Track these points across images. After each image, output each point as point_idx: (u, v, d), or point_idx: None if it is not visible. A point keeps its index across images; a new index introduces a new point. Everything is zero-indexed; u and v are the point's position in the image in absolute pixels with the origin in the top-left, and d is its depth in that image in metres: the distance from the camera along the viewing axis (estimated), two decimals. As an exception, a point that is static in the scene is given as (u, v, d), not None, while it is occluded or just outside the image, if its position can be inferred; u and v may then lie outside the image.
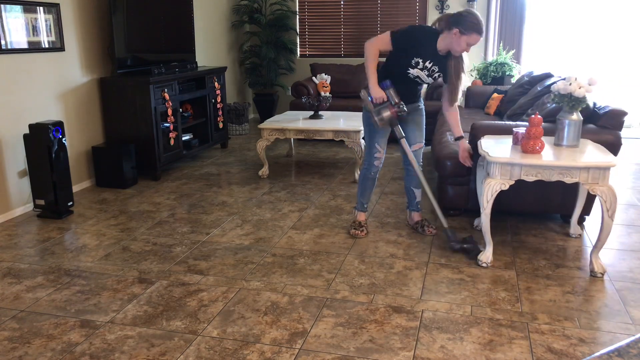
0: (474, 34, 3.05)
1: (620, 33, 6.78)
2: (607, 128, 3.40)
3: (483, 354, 2.24)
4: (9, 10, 3.83)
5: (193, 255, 3.25)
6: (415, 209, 3.63)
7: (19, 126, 3.94)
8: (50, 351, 2.29)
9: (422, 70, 3.22)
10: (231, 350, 2.28)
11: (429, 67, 3.21)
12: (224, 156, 5.79)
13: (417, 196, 3.60)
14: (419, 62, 3.19)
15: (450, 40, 3.10)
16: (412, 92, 3.38)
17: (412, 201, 3.63)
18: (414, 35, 3.20)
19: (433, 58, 3.19)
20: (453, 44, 3.10)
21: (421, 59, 3.18)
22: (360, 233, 3.54)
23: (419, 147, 3.47)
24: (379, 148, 3.42)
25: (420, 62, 3.19)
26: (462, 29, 3.04)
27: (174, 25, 5.53)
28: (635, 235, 3.54)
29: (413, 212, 3.65)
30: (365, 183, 3.55)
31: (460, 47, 3.10)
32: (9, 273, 3.04)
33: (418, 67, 3.20)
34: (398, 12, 7.31)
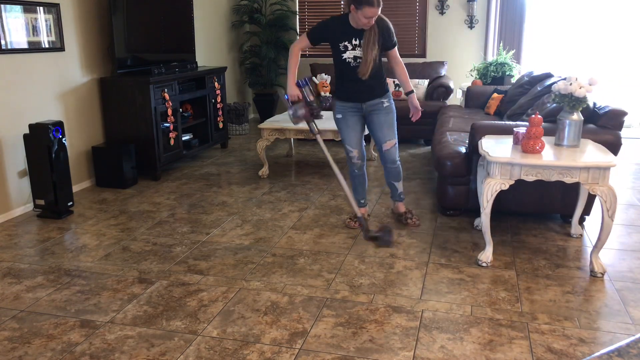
0: (365, 6, 3.11)
1: (620, 33, 6.78)
2: (607, 128, 3.40)
3: (483, 354, 2.24)
4: (9, 10, 3.83)
5: (193, 255, 3.25)
6: (398, 199, 3.73)
7: (19, 126, 3.94)
8: (50, 351, 2.29)
9: (354, 50, 3.29)
10: (231, 350, 2.28)
11: (359, 44, 3.28)
12: (224, 156, 5.79)
13: (398, 188, 3.68)
14: (346, 46, 3.30)
15: (352, 17, 3.22)
16: (368, 85, 3.36)
17: (395, 192, 3.71)
18: (326, 24, 3.38)
19: (356, 35, 3.28)
20: (356, 20, 3.21)
21: (346, 41, 3.29)
22: (352, 223, 3.64)
23: (390, 146, 3.49)
24: (350, 148, 3.55)
25: (347, 44, 3.30)
26: (356, 5, 3.14)
27: (174, 25, 5.53)
28: (635, 235, 3.54)
29: (397, 202, 3.75)
30: (353, 181, 3.68)
31: (361, 21, 3.18)
32: (9, 273, 3.04)
33: (349, 50, 3.30)
34: (398, 12, 7.31)
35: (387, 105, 3.46)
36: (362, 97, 3.43)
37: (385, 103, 3.45)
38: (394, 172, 3.61)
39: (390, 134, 3.48)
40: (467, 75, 7.09)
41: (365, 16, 3.15)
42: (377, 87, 3.42)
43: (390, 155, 3.53)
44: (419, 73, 6.69)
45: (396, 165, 3.58)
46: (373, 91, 3.42)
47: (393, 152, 3.52)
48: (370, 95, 3.42)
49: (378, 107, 3.44)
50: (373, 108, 3.45)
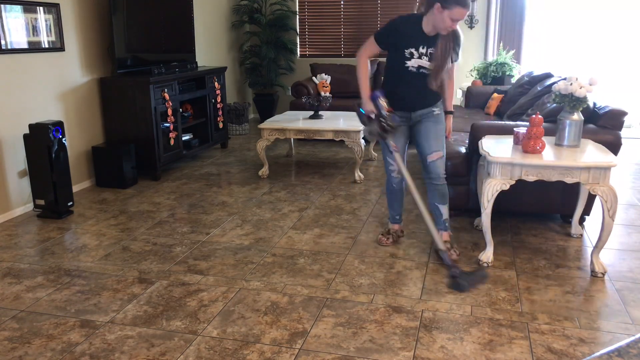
0: (457, 7, 2.77)
1: (620, 33, 6.78)
2: (607, 128, 3.40)
3: (483, 354, 2.24)
4: (9, 10, 3.83)
5: (193, 255, 3.25)
6: (443, 228, 3.23)
7: (19, 126, 3.94)
8: (50, 351, 2.29)
9: (419, 58, 2.98)
10: (231, 350, 2.28)
11: (425, 53, 2.97)
12: (224, 156, 5.79)
13: (443, 213, 3.21)
14: (412, 53, 2.98)
15: (434, 18, 2.85)
16: (422, 93, 3.07)
17: (439, 219, 3.22)
18: (395, 27, 3.00)
19: (425, 42, 2.96)
20: (437, 22, 2.85)
21: (413, 48, 2.96)
22: (385, 239, 3.37)
23: (436, 157, 3.12)
24: (390, 161, 3.24)
25: (413, 51, 2.97)
26: (444, 3, 2.78)
27: (174, 25, 5.53)
28: (635, 235, 3.54)
29: (441, 231, 3.22)
30: (389, 195, 3.41)
31: (445, 24, 2.84)
32: (9, 273, 3.04)
33: (414, 58, 2.98)
34: (398, 12, 7.27)
35: (437, 113, 3.13)
36: (414, 105, 3.09)
37: (436, 111, 3.13)
38: (440, 192, 3.16)
39: (437, 144, 3.11)
40: (467, 75, 7.09)
41: (453, 18, 2.79)
42: (432, 95, 3.10)
43: (435, 168, 3.12)
44: (419, 73, 6.68)
45: (442, 183, 3.15)
46: (426, 99, 3.10)
47: (439, 164, 3.12)
48: (423, 103, 3.10)
49: (428, 116, 3.12)
50: (423, 117, 3.13)
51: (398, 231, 3.47)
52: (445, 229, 3.25)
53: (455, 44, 2.99)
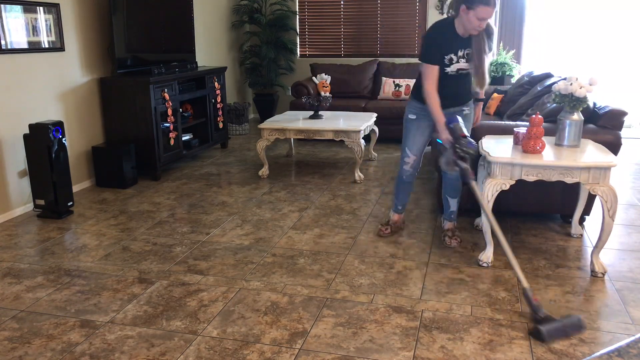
0: (480, 5, 2.80)
1: (621, 33, 6.78)
2: (607, 128, 3.40)
3: (483, 354, 2.24)
4: (9, 10, 3.83)
5: (193, 255, 3.25)
6: (448, 219, 3.44)
7: (19, 126, 3.94)
8: (50, 351, 2.29)
9: (458, 62, 3.04)
10: (231, 350, 2.28)
11: (463, 55, 3.02)
12: (224, 156, 5.79)
13: (451, 206, 3.38)
14: (452, 58, 3.02)
15: (463, 20, 2.91)
16: (458, 93, 3.16)
17: (447, 209, 3.43)
18: (431, 38, 3.06)
19: (462, 45, 3.01)
20: (465, 23, 2.90)
21: (452, 53, 3.01)
22: (383, 230, 3.46)
23: None
24: (409, 153, 3.29)
25: (452, 57, 3.02)
26: (468, 4, 2.84)
27: (174, 25, 5.53)
28: (635, 235, 3.54)
29: (446, 221, 3.45)
30: (398, 185, 3.46)
31: (472, 25, 2.88)
32: (9, 273, 3.04)
33: (454, 63, 3.03)
34: (398, 12, 7.31)
35: (466, 112, 3.22)
36: (444, 104, 3.07)
37: (465, 110, 3.21)
38: (453, 185, 3.31)
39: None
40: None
41: (479, 17, 2.83)
42: (465, 94, 3.20)
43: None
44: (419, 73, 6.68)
45: (455, 177, 3.26)
46: (459, 98, 3.19)
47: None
48: (454, 102, 3.17)
49: (458, 114, 3.12)
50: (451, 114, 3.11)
51: (398, 222, 3.56)
52: (450, 220, 3.44)
53: (487, 38, 3.02)
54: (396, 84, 6.47)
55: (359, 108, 6.24)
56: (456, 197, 3.38)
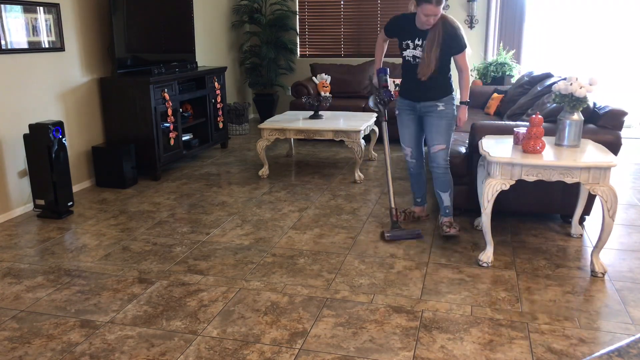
0: (423, 3, 3.09)
1: (621, 33, 6.78)
2: (607, 128, 3.40)
3: (483, 354, 2.24)
4: (9, 10, 3.83)
5: (193, 255, 3.25)
6: (445, 215, 3.49)
7: (19, 126, 3.94)
8: (50, 351, 2.29)
9: (414, 49, 3.31)
10: (231, 350, 2.28)
11: (421, 45, 3.28)
12: (224, 156, 5.79)
13: (444, 200, 3.46)
14: (408, 44, 3.32)
15: (418, 17, 3.20)
16: (424, 85, 3.31)
17: (441, 206, 3.49)
18: (396, 21, 3.43)
19: (419, 35, 3.28)
20: (417, 18, 3.21)
21: (409, 40, 3.31)
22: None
23: (437, 150, 3.38)
24: (403, 146, 3.60)
25: (409, 43, 3.32)
26: (417, 1, 3.13)
27: (174, 25, 5.53)
28: (635, 235, 3.54)
29: (443, 217, 3.50)
30: (410, 179, 3.76)
31: (421, 20, 3.18)
32: (9, 273, 3.04)
33: (410, 48, 3.32)
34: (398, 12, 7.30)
35: (441, 109, 3.35)
36: (416, 96, 3.39)
37: (439, 107, 3.35)
38: (440, 179, 3.42)
39: (439, 138, 3.36)
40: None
41: (424, 14, 3.12)
42: (434, 89, 3.34)
43: (436, 157, 3.39)
44: (419, 73, 6.68)
45: (442, 172, 3.41)
46: (428, 93, 3.35)
47: (439, 155, 3.38)
48: (424, 96, 3.36)
49: (432, 110, 3.36)
50: (427, 110, 3.39)
51: (414, 213, 3.77)
52: (446, 215, 3.48)
53: (446, 36, 3.23)
54: (396, 84, 6.47)
55: (359, 108, 6.24)
56: (447, 191, 3.46)
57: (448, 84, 3.38)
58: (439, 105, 3.36)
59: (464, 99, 3.40)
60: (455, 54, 3.30)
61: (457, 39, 3.26)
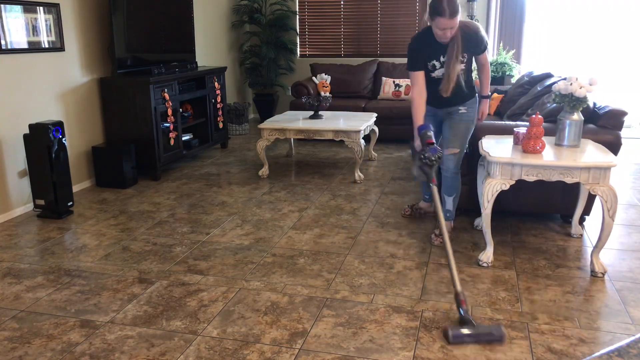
0: (436, 17, 2.97)
1: (621, 33, 6.78)
2: (607, 128, 3.40)
3: (483, 354, 2.24)
4: (9, 10, 3.83)
5: (193, 255, 3.25)
6: (445, 218, 3.37)
7: (19, 126, 3.94)
8: (50, 351, 2.29)
9: (442, 67, 3.19)
10: (231, 350, 2.28)
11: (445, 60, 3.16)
12: (224, 156, 5.79)
13: (446, 204, 3.41)
14: (435, 65, 3.19)
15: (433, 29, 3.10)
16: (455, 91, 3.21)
17: (443, 207, 3.41)
18: (413, 48, 3.22)
19: (442, 50, 3.14)
20: (435, 34, 3.09)
21: (435, 59, 3.18)
22: (406, 210, 3.79)
23: (449, 152, 3.30)
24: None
25: (435, 63, 3.19)
26: (430, 16, 3.03)
27: (174, 25, 5.53)
28: (635, 235, 3.54)
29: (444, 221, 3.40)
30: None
31: (438, 36, 3.06)
32: (9, 273, 3.04)
33: (437, 69, 3.20)
34: (398, 12, 7.31)
35: (462, 112, 3.31)
36: (440, 104, 3.32)
37: (461, 110, 3.31)
38: (447, 183, 3.37)
39: (454, 141, 3.30)
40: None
41: (439, 27, 2.99)
42: (459, 96, 3.27)
43: (446, 161, 3.32)
44: (419, 73, 6.68)
45: (450, 176, 3.34)
46: (451, 100, 3.29)
47: (450, 159, 3.31)
48: (448, 103, 3.31)
49: (453, 113, 3.33)
50: (449, 113, 3.35)
51: (422, 209, 3.83)
52: (446, 219, 3.45)
53: (467, 44, 3.13)
54: (396, 84, 6.47)
55: (359, 108, 6.24)
56: (452, 195, 3.41)
57: (471, 86, 3.32)
58: (461, 108, 3.31)
59: (486, 93, 3.44)
60: (480, 54, 3.26)
61: (480, 41, 3.18)
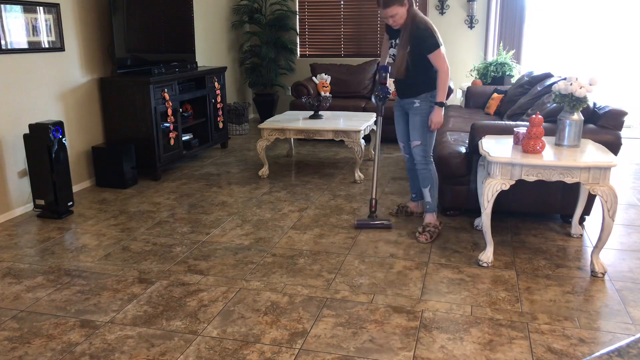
0: (378, 7, 3.28)
1: (621, 33, 6.78)
2: (607, 128, 3.40)
3: (483, 354, 2.24)
4: (9, 10, 3.83)
5: (193, 255, 3.25)
6: (425, 210, 3.58)
7: (19, 126, 3.94)
8: (50, 351, 2.29)
9: (394, 48, 3.45)
10: (231, 350, 2.28)
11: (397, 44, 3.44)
12: (224, 156, 5.79)
13: (425, 196, 3.54)
14: (391, 43, 3.49)
15: None
16: (402, 83, 3.45)
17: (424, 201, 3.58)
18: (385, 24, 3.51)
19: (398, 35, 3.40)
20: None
21: (393, 39, 3.46)
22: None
23: (414, 145, 3.48)
24: (398, 141, 3.71)
25: (393, 42, 3.47)
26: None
27: (174, 25, 5.53)
28: (635, 235, 3.54)
29: (424, 213, 3.59)
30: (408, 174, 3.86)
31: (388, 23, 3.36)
32: (9, 273, 3.04)
33: (392, 47, 3.49)
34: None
35: (416, 105, 3.42)
36: (400, 93, 3.53)
37: (415, 103, 3.42)
38: (420, 175, 3.51)
39: (414, 134, 3.45)
40: (467, 75, 7.09)
41: (382, 17, 3.32)
42: (413, 86, 3.41)
43: (414, 153, 3.49)
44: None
45: (420, 168, 3.49)
46: (407, 90, 3.45)
47: (416, 151, 3.47)
48: (404, 93, 3.48)
49: (409, 106, 3.47)
50: (407, 106, 3.50)
51: (408, 208, 3.90)
52: (427, 211, 3.55)
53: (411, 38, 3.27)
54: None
55: (359, 108, 6.24)
56: (427, 187, 3.51)
57: (428, 81, 3.38)
58: (415, 102, 3.43)
59: (438, 100, 3.36)
60: (426, 53, 3.28)
61: (422, 40, 3.25)
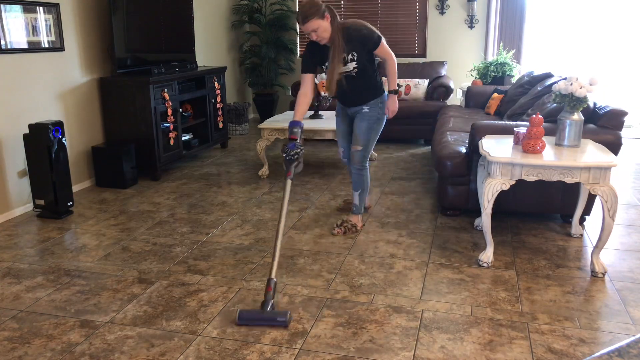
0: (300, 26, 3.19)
1: (621, 33, 6.78)
2: (607, 128, 3.40)
3: (483, 354, 2.24)
4: (9, 10, 3.83)
5: (193, 255, 3.25)
6: (352, 212, 3.65)
7: (19, 126, 3.94)
8: (50, 351, 2.28)
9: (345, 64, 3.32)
10: (231, 350, 2.28)
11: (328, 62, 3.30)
12: (224, 156, 5.79)
13: (354, 198, 3.60)
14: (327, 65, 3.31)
15: None
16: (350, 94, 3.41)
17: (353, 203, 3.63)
18: (305, 52, 3.38)
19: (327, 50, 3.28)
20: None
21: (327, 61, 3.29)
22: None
23: (354, 149, 3.47)
24: (338, 145, 3.73)
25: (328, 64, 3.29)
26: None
27: (174, 25, 5.53)
28: (635, 235, 3.54)
29: (351, 214, 3.65)
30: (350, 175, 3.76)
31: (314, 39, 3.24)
32: (9, 273, 3.04)
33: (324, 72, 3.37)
34: (398, 12, 7.31)
35: (365, 111, 3.42)
36: (346, 102, 3.51)
37: (364, 109, 3.42)
38: (354, 178, 3.57)
39: (357, 139, 3.45)
40: (467, 75, 7.09)
41: (306, 32, 3.19)
42: (360, 95, 3.40)
43: (352, 157, 3.51)
44: (419, 73, 6.69)
45: (355, 171, 3.53)
46: (355, 99, 3.44)
47: (354, 155, 3.48)
48: (352, 102, 3.47)
49: (358, 112, 3.46)
50: (355, 112, 3.49)
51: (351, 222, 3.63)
52: (353, 213, 3.64)
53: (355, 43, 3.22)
54: (396, 84, 6.46)
55: (359, 108, 6.23)
56: (357, 191, 3.57)
57: (376, 85, 3.40)
58: (364, 108, 3.42)
59: (392, 88, 3.45)
60: (374, 49, 3.29)
61: (367, 38, 3.25)
